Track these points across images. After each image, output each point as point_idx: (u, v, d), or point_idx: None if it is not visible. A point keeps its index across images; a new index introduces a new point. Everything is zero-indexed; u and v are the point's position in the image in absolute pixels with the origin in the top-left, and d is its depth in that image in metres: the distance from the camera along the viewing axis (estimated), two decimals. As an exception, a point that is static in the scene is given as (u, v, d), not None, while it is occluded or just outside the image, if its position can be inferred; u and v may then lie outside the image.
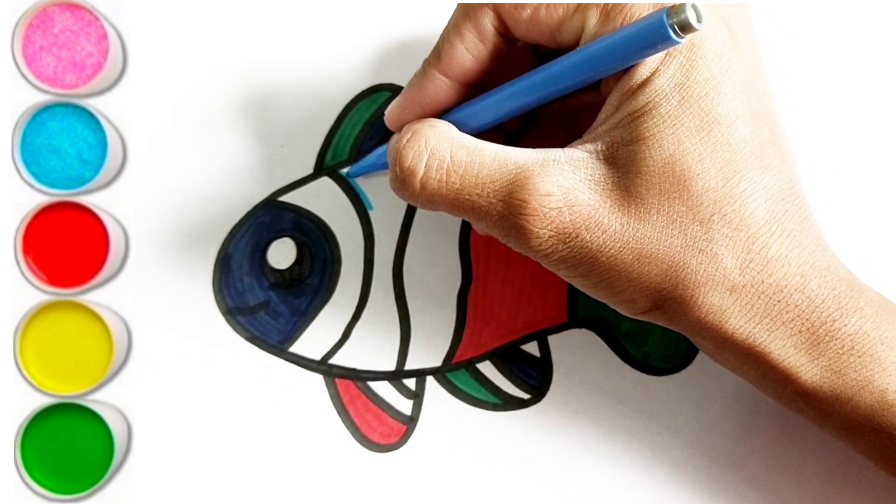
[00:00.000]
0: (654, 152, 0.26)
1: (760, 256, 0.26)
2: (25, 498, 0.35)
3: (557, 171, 0.26)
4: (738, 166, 0.26)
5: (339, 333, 0.36)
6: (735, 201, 0.26)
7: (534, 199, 0.26)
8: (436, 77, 0.29)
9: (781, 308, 0.27)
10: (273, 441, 0.36)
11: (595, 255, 0.27)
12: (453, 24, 0.29)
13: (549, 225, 0.26)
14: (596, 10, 0.26)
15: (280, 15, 0.36)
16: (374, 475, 0.36)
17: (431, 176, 0.28)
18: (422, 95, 0.30)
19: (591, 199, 0.26)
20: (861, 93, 0.36)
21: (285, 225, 0.35)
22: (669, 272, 0.26)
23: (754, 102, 0.26)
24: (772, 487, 0.35)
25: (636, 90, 0.26)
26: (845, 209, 0.35)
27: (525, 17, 0.28)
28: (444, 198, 0.28)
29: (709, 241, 0.26)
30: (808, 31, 0.36)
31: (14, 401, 0.35)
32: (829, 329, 0.27)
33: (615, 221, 0.26)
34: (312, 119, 0.36)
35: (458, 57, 0.29)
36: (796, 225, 0.27)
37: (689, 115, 0.25)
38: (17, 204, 0.35)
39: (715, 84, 0.26)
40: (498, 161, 0.27)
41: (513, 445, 0.35)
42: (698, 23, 0.23)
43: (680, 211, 0.26)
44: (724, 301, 0.27)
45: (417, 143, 0.28)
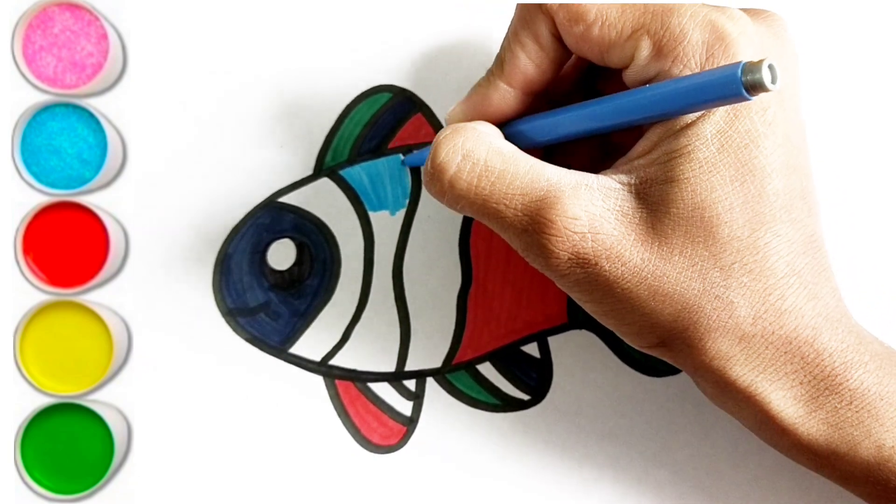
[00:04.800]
0: (685, 195, 0.26)
1: (775, 308, 0.26)
2: (25, 498, 0.35)
3: (588, 196, 0.26)
4: (767, 219, 0.26)
5: (339, 334, 0.36)
6: (758, 252, 0.26)
7: (560, 219, 0.26)
8: (500, 87, 0.29)
9: (787, 359, 0.27)
10: (273, 442, 0.36)
11: (611, 285, 0.27)
12: (513, 33, 0.29)
13: (570, 248, 0.26)
14: (649, 42, 0.26)
15: (280, 15, 0.36)
16: (374, 476, 0.36)
17: (462, 177, 0.28)
18: (485, 105, 0.30)
19: (615, 230, 0.26)
20: (858, 95, 0.36)
21: (285, 226, 0.35)
22: (682, 314, 0.27)
23: (791, 157, 0.27)
24: (772, 487, 0.35)
25: (678, 131, 0.26)
26: (844, 211, 0.35)
27: (578, 31, 0.28)
28: (471, 201, 0.28)
29: (726, 289, 0.26)
30: (807, 37, 0.36)
31: (14, 401, 0.35)
32: (831, 383, 0.27)
33: (636, 256, 0.26)
34: (312, 119, 0.36)
35: (521, 65, 0.29)
36: (814, 277, 0.27)
37: (725, 164, 0.26)
38: (17, 204, 0.35)
39: (756, 136, 0.26)
40: (532, 175, 0.27)
41: (513, 446, 0.35)
42: (772, 84, 0.22)
43: (703, 255, 0.26)
44: (731, 348, 0.27)
45: (454, 140, 0.28)
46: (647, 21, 0.26)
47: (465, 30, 0.36)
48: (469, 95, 0.30)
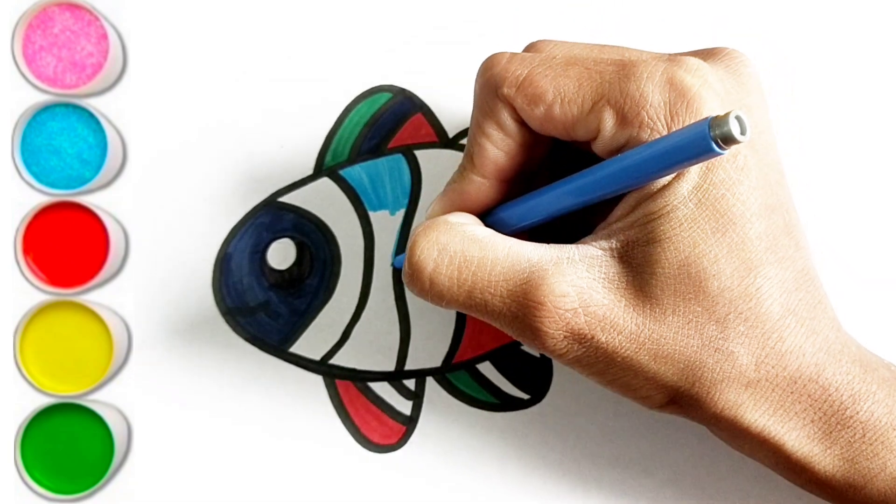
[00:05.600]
0: (669, 254, 0.26)
1: (775, 351, 0.26)
2: (25, 498, 0.35)
3: (572, 269, 0.26)
4: (754, 264, 0.26)
5: (339, 334, 0.36)
6: (751, 299, 0.26)
7: (548, 300, 0.26)
8: (474, 179, 0.29)
9: (795, 399, 0.27)
10: (273, 441, 0.36)
11: (611, 356, 0.26)
12: (476, 126, 0.29)
13: (564, 326, 0.26)
14: (611, 112, 0.26)
15: (280, 15, 0.36)
16: (373, 475, 0.36)
17: (442, 272, 0.27)
18: (463, 199, 0.30)
19: (605, 299, 0.26)
20: (854, 101, 0.36)
21: (285, 225, 0.35)
22: (686, 371, 0.26)
23: (769, 196, 0.26)
24: (772, 487, 0.35)
25: (655, 193, 0.26)
26: (841, 212, 0.36)
27: (539, 113, 0.27)
28: (454, 296, 0.27)
29: (725, 340, 0.26)
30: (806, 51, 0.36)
31: (14, 401, 0.35)
32: (842, 417, 0.27)
33: (631, 322, 0.26)
34: (312, 119, 0.36)
35: (491, 156, 0.29)
36: (810, 312, 0.27)
37: (705, 218, 0.25)
38: (17, 204, 0.35)
39: (731, 185, 0.26)
40: (511, 257, 0.27)
41: (512, 446, 0.35)
42: (742, 135, 0.22)
43: (696, 311, 0.26)
44: (739, 396, 0.27)
45: (428, 236, 0.28)
46: (605, 91, 0.26)
47: (465, 30, 0.36)
48: (445, 191, 0.30)
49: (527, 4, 0.36)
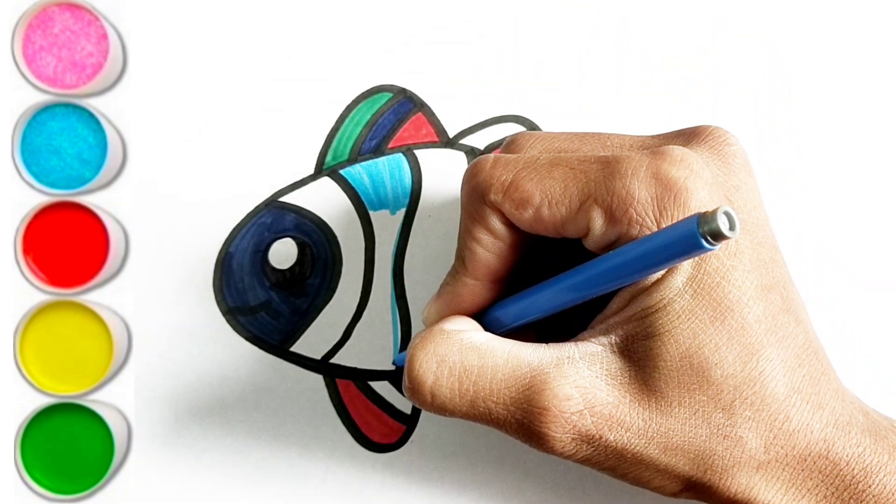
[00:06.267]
0: (670, 347, 0.26)
1: (783, 431, 0.26)
2: (25, 498, 0.35)
3: (573, 370, 0.26)
4: (755, 348, 0.26)
5: (340, 333, 0.36)
6: (755, 383, 0.26)
7: (553, 404, 0.26)
8: (467, 282, 0.29)
9: (806, 476, 0.27)
10: (273, 441, 0.36)
11: (621, 453, 0.26)
12: (465, 231, 0.29)
13: (571, 430, 0.26)
14: (600, 211, 0.26)
15: (280, 15, 0.36)
16: (373, 475, 0.36)
17: (442, 384, 0.27)
18: (457, 301, 0.30)
19: (610, 397, 0.26)
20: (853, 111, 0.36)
21: (286, 225, 0.36)
22: (697, 460, 0.26)
23: (764, 277, 0.26)
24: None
25: (650, 287, 0.26)
26: (839, 216, 0.36)
27: (528, 216, 0.27)
28: (457, 407, 0.27)
29: (732, 426, 0.26)
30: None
31: (14, 401, 0.35)
32: (855, 491, 0.27)
33: (637, 418, 0.26)
34: (313, 119, 0.36)
35: (482, 259, 0.29)
36: (814, 387, 0.27)
37: (702, 308, 0.25)
38: (17, 204, 0.35)
39: (725, 272, 0.26)
40: (511, 363, 0.27)
41: (512, 445, 0.36)
42: (731, 231, 0.22)
43: (701, 401, 0.26)
44: (751, 479, 0.27)
45: (426, 349, 0.28)
46: (592, 190, 0.26)
47: (465, 30, 0.36)
48: (440, 294, 0.30)
49: (527, 4, 0.36)
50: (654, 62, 0.36)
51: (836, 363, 0.29)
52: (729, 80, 0.36)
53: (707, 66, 0.36)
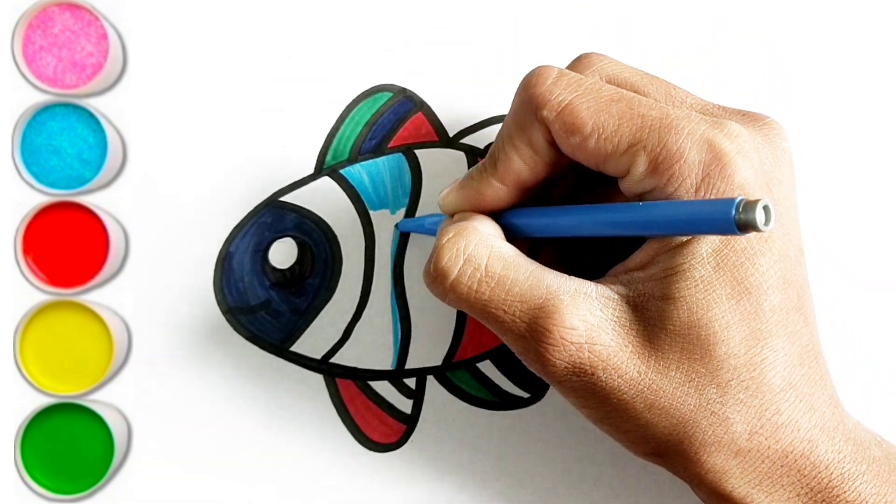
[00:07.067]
0: (682, 313, 0.26)
1: (771, 423, 0.26)
2: (25, 498, 0.35)
3: (586, 305, 0.26)
4: (763, 335, 0.26)
5: (340, 333, 0.36)
6: (755, 369, 0.26)
7: (557, 329, 0.26)
8: (493, 184, 0.29)
9: (784, 472, 0.27)
10: (273, 440, 0.36)
11: (607, 395, 0.27)
12: (507, 136, 0.29)
13: (567, 357, 0.26)
14: (645, 158, 0.26)
15: (280, 14, 0.36)
16: (374, 474, 0.36)
17: (463, 281, 0.28)
18: (478, 199, 0.30)
19: (613, 341, 0.26)
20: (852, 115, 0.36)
21: (287, 225, 0.36)
22: (678, 427, 0.27)
23: (787, 271, 0.27)
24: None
25: (675, 248, 0.26)
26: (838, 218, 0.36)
27: (574, 142, 0.27)
28: (470, 305, 0.28)
29: (722, 405, 0.26)
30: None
31: (14, 401, 0.35)
32: (829, 495, 0.27)
33: (632, 368, 0.26)
34: (312, 119, 0.36)
35: (515, 167, 0.29)
36: (810, 388, 0.27)
37: (722, 282, 0.26)
38: (17, 204, 0.35)
39: (751, 255, 0.26)
40: (531, 281, 0.27)
41: (512, 444, 0.36)
42: (765, 225, 0.22)
43: (699, 372, 0.26)
44: (727, 463, 0.27)
45: (457, 244, 0.28)
46: (643, 137, 0.26)
47: (465, 30, 0.36)
48: (462, 185, 0.30)
49: (527, 4, 0.36)
50: (654, 62, 0.36)
51: (836, 363, 0.30)
52: (729, 80, 0.36)
53: (707, 66, 0.36)
